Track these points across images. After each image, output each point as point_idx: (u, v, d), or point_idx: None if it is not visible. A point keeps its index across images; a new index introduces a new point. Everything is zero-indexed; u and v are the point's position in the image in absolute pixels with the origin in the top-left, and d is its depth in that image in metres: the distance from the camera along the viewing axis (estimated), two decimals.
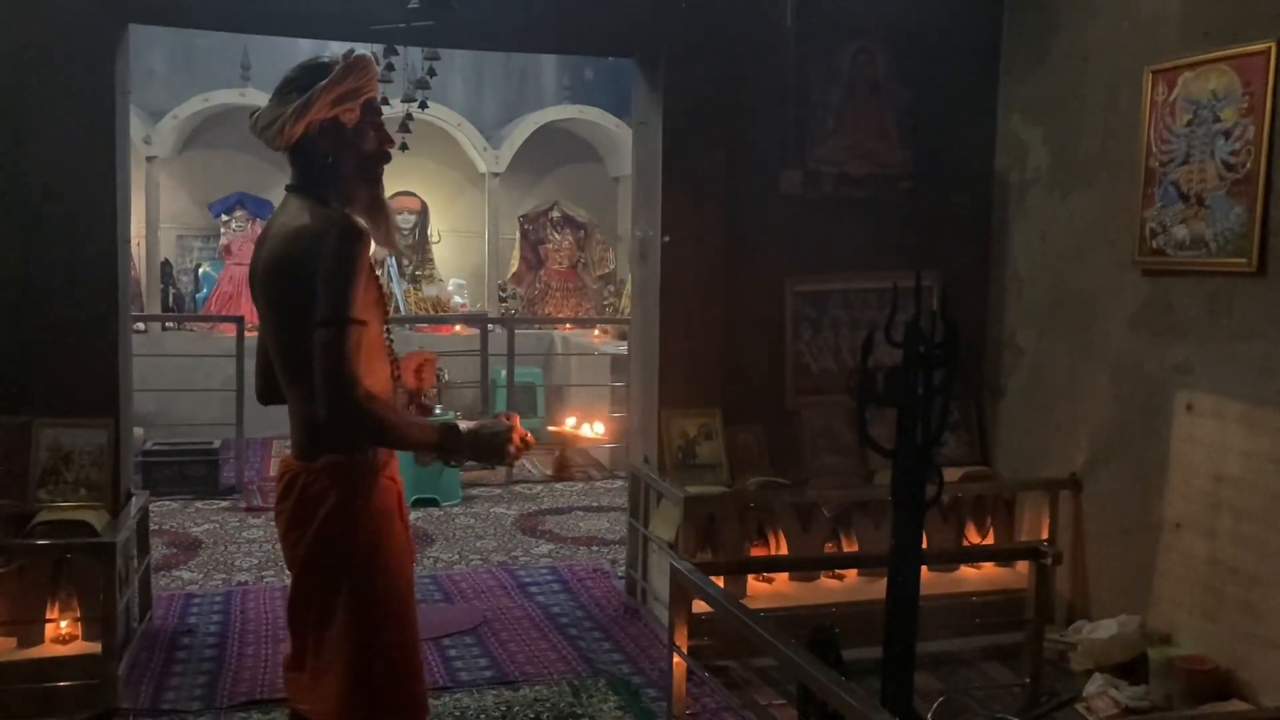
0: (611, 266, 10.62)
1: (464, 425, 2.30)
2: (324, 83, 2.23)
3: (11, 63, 3.88)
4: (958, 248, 4.89)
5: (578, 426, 2.58)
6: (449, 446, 2.24)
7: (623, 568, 5.11)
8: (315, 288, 2.11)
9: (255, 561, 5.48)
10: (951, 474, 4.56)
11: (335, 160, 2.27)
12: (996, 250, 4.92)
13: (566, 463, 2.43)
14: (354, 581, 2.21)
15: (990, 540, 4.70)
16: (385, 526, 2.28)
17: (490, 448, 2.30)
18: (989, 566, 4.67)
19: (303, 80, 2.26)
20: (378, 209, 2.34)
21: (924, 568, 4.18)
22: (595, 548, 5.86)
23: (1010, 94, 4.85)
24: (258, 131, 2.29)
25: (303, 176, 2.30)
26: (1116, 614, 4.02)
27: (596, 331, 9.47)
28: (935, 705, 3.54)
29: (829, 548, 4.53)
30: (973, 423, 4.97)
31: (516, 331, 7.95)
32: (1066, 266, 4.50)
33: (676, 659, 3.10)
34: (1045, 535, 4.47)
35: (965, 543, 4.66)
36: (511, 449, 2.30)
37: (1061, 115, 4.52)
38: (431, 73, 6.64)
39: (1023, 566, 4.12)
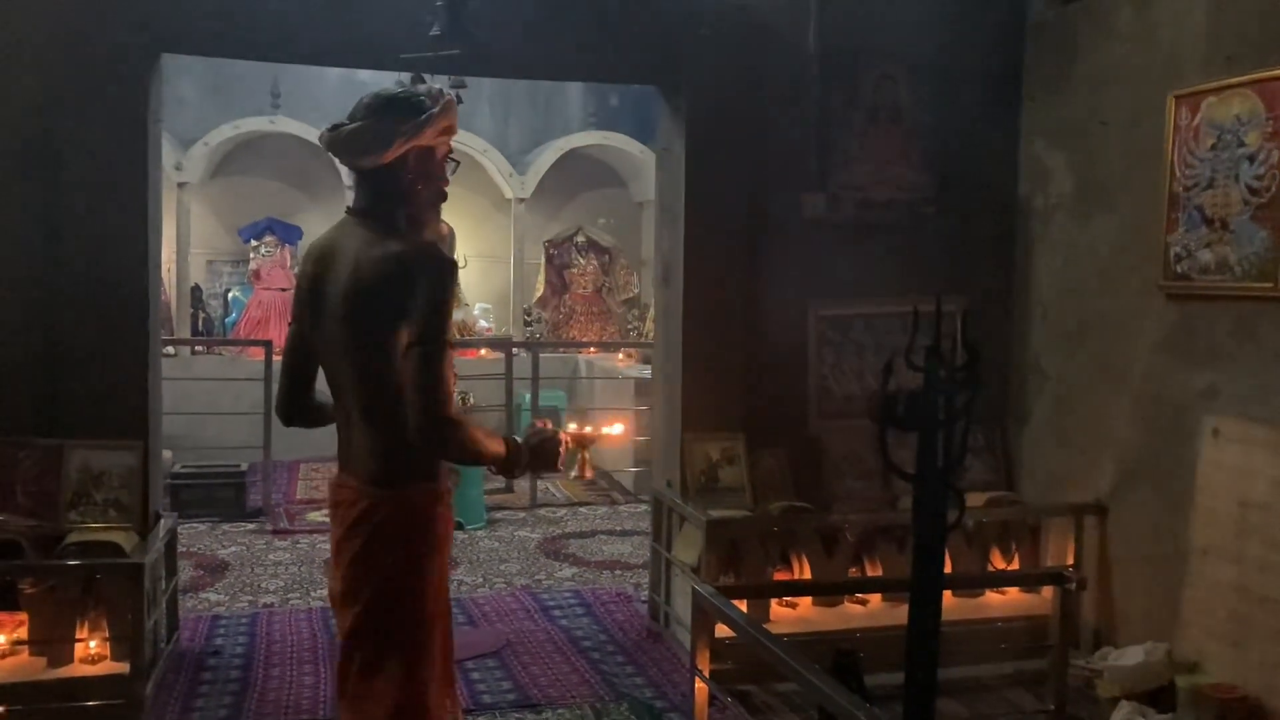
0: (636, 291, 10.66)
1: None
2: (435, 112, 2.33)
3: (47, 91, 3.96)
4: (981, 272, 4.90)
5: (598, 427, 2.63)
6: (515, 459, 2.36)
7: (646, 591, 5.10)
8: (407, 312, 2.18)
9: (281, 584, 5.52)
10: (976, 499, 4.55)
11: (419, 187, 2.36)
12: (1020, 275, 4.92)
13: (585, 462, 2.48)
14: (415, 605, 2.30)
15: (1015, 566, 4.68)
16: (445, 551, 2.38)
17: (545, 455, 2.42)
18: (1014, 592, 4.64)
19: (400, 109, 2.32)
20: (438, 237, 2.45)
21: (948, 593, 4.17)
22: (618, 571, 5.86)
23: (1033, 119, 4.86)
24: (340, 146, 2.34)
25: (374, 199, 2.36)
26: (1143, 641, 3.98)
27: (620, 355, 9.49)
28: None
29: (853, 572, 4.52)
30: (997, 448, 4.95)
31: (541, 355, 7.98)
32: (1090, 291, 4.49)
33: (698, 683, 3.10)
34: (1070, 561, 4.44)
35: (990, 568, 4.64)
36: (563, 451, 2.44)
37: (1084, 140, 4.52)
38: (458, 100, 6.71)
39: (1048, 592, 4.10)
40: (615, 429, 2.90)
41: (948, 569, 4.11)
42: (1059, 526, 4.59)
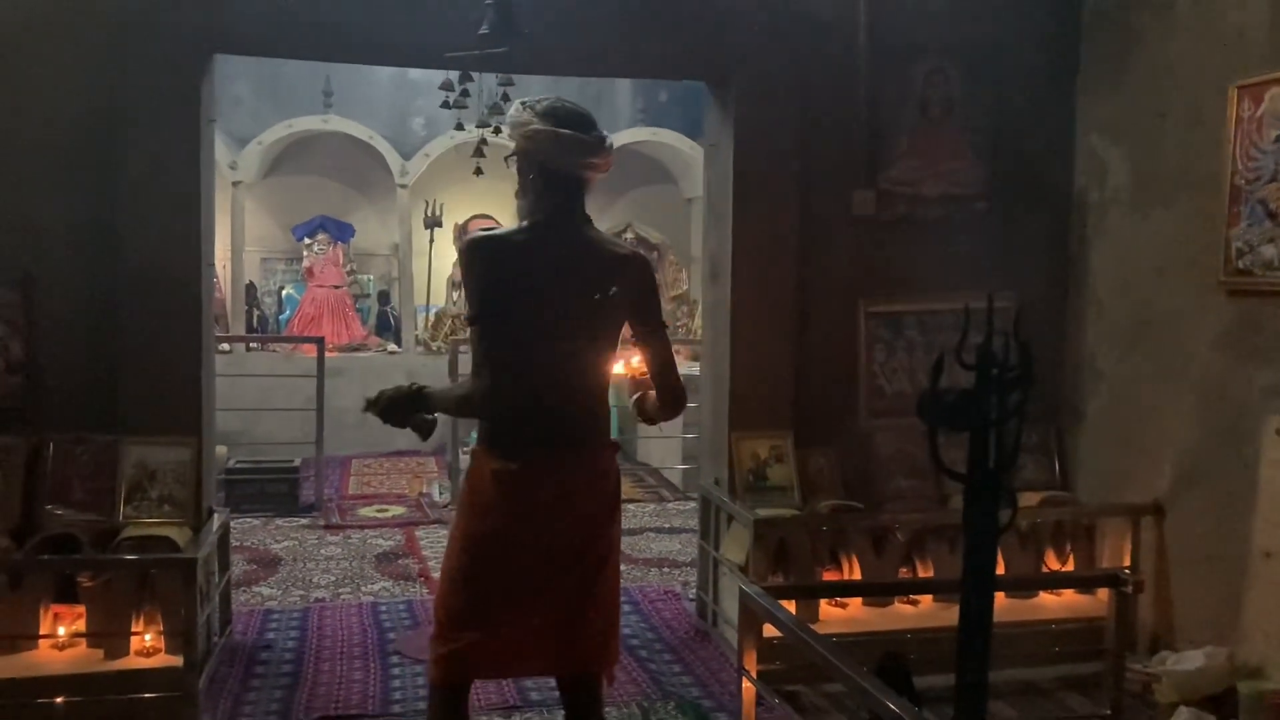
0: (684, 287, 10.62)
1: None
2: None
3: (103, 92, 4.03)
4: (1035, 268, 4.81)
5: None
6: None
7: (694, 590, 5.09)
8: (638, 301, 2.62)
9: (332, 579, 5.57)
10: (1030, 499, 4.48)
11: None
12: (1075, 271, 4.83)
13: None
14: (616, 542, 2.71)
15: (1070, 567, 4.60)
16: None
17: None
18: (1069, 594, 4.55)
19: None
20: None
21: (1001, 594, 4.11)
22: (666, 569, 5.85)
23: (1088, 111, 4.77)
24: (608, 159, 2.59)
25: (583, 206, 2.63)
26: (1203, 645, 3.89)
27: None
28: None
29: (904, 572, 4.47)
30: (1051, 447, 4.87)
31: None
32: (1148, 287, 4.39)
33: (745, 683, 3.08)
34: (1127, 562, 4.36)
35: (1044, 569, 4.56)
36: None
37: (1142, 133, 4.43)
38: (505, 98, 6.72)
39: (1103, 594, 4.03)
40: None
41: (1000, 570, 4.05)
42: (1115, 527, 4.50)
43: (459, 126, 8.25)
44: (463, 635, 2.55)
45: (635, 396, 2.87)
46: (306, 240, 10.07)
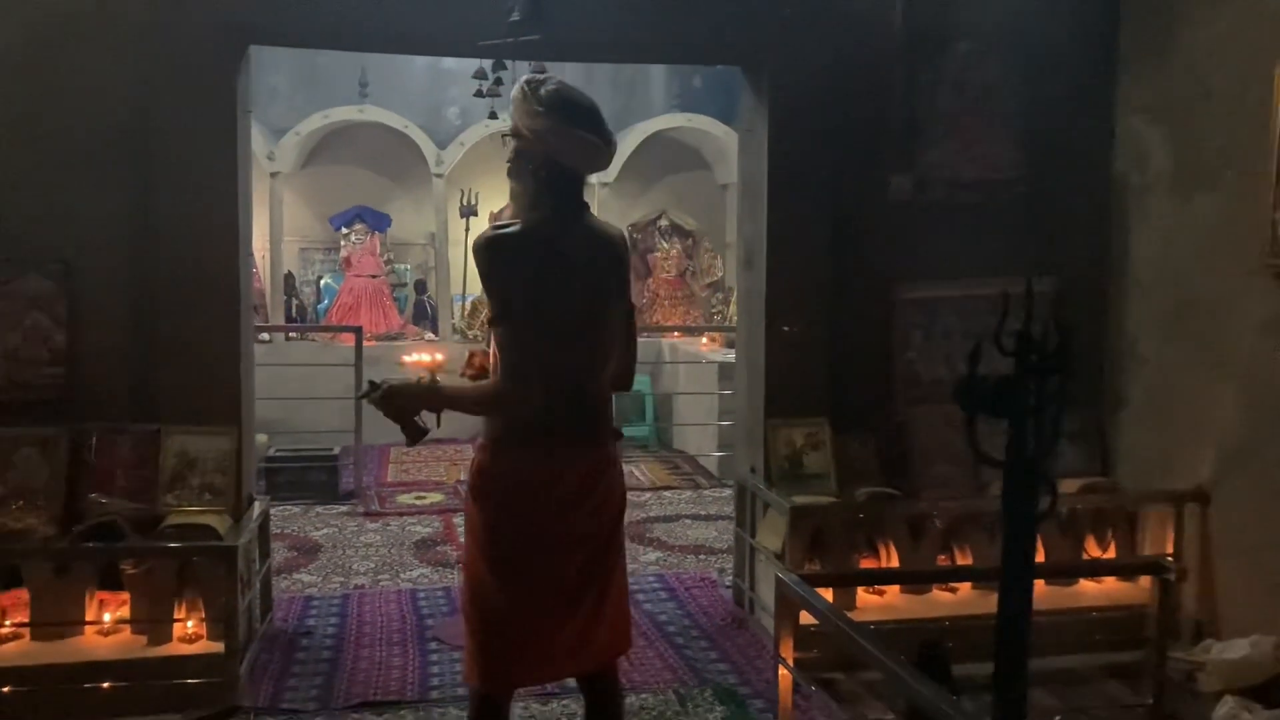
0: (720, 274, 10.59)
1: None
2: None
3: (139, 84, 4.07)
4: (1074, 253, 4.75)
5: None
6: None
7: (730, 577, 5.08)
8: (621, 283, 2.63)
9: (372, 565, 5.62)
10: (1070, 485, 4.43)
11: None
12: (1116, 255, 4.76)
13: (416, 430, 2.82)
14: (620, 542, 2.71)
15: (1111, 554, 4.54)
16: None
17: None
18: (1110, 581, 4.50)
19: None
20: None
21: (1041, 581, 4.07)
22: (703, 556, 5.84)
23: (1129, 93, 4.68)
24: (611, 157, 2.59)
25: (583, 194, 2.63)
26: (1249, 634, 3.83)
27: (704, 339, 9.45)
28: None
29: (942, 560, 4.44)
30: (1092, 433, 4.80)
31: None
32: (1190, 271, 4.32)
33: (782, 671, 3.07)
34: (1170, 550, 4.30)
35: (1084, 556, 4.51)
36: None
37: (1185, 114, 4.35)
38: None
39: (1145, 582, 3.98)
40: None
41: (1040, 557, 4.01)
42: (1158, 514, 4.44)
43: (493, 115, 8.25)
44: (507, 639, 2.53)
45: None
46: (343, 230, 10.14)
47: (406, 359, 5.07)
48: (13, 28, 4.00)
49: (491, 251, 2.45)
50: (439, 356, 3.74)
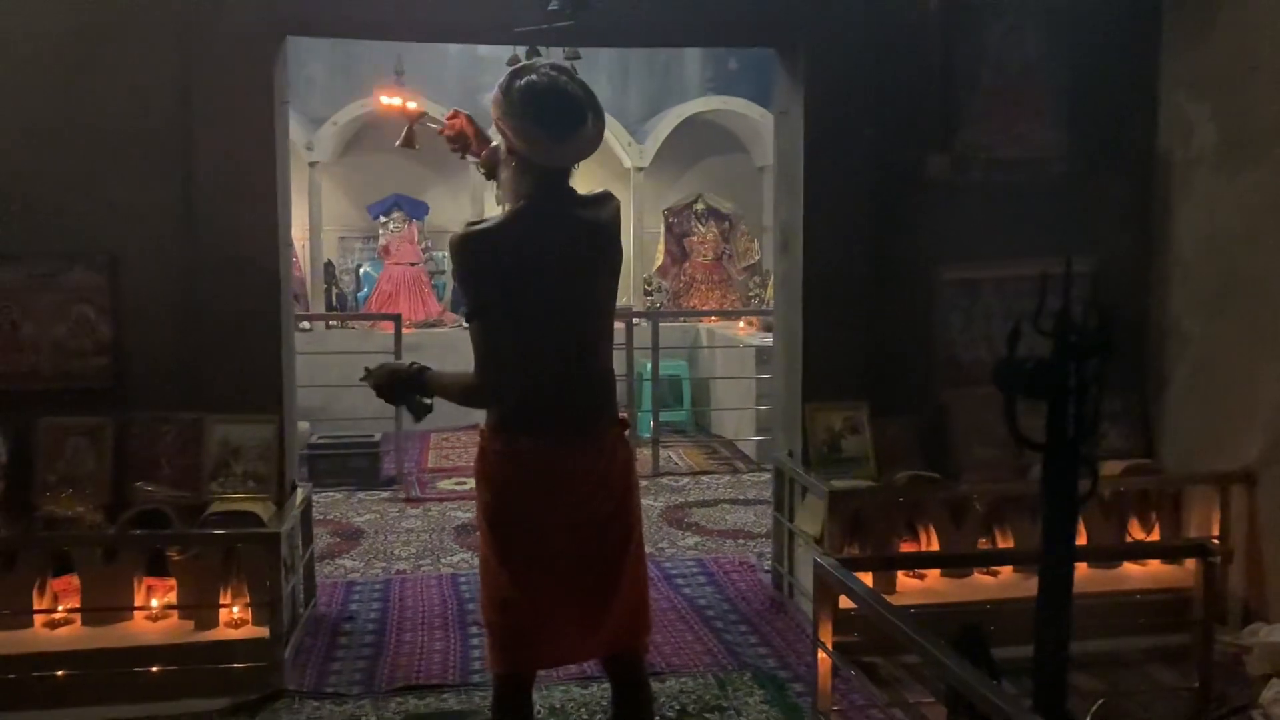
0: (756, 258, 10.55)
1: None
2: None
3: (178, 76, 4.11)
4: (1116, 232, 4.68)
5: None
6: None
7: (769, 561, 5.08)
8: (611, 263, 2.64)
9: (413, 551, 5.67)
10: (1113, 467, 4.39)
11: None
12: (1159, 234, 4.68)
13: (413, 137, 2.80)
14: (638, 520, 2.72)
15: (1155, 537, 4.49)
16: None
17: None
18: (1154, 564, 4.45)
19: None
20: None
21: (1083, 564, 4.02)
22: (742, 540, 5.84)
23: (1173, 68, 4.60)
24: (592, 146, 2.56)
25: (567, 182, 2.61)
26: None
27: (741, 324, 9.43)
28: (1094, 707, 3.40)
29: (982, 543, 4.40)
30: (1136, 414, 4.74)
31: (661, 325, 7.98)
32: (1236, 250, 4.25)
33: (821, 655, 3.07)
34: (1215, 532, 4.24)
35: (1128, 539, 4.46)
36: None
37: (1231, 89, 4.27)
38: (573, 71, 6.70)
39: (1190, 564, 3.93)
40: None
41: (1082, 540, 3.97)
42: (1203, 496, 4.38)
43: None
44: (518, 619, 2.57)
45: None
46: (382, 219, 10.20)
47: (384, 100, 5.18)
48: (57, 30, 4.07)
49: (462, 250, 2.48)
50: (412, 105, 3.83)
